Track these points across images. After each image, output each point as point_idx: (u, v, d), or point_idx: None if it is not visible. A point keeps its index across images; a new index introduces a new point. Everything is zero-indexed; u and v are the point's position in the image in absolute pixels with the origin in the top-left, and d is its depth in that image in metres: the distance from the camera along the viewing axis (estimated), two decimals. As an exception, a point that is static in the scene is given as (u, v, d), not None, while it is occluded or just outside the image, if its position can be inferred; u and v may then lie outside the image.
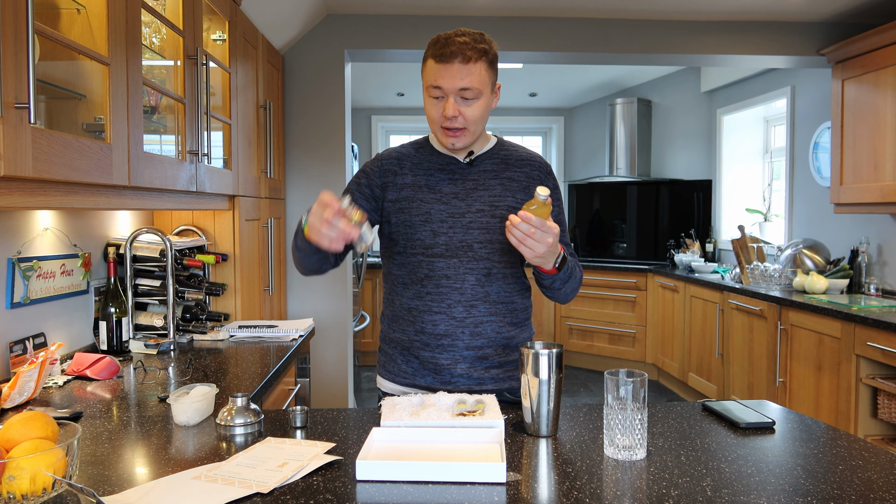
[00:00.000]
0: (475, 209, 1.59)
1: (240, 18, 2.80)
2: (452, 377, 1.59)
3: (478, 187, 1.61)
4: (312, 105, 3.82)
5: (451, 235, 1.57)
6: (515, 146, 1.71)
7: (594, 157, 6.80)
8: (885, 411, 2.99)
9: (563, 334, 5.97)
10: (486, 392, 1.60)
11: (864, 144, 3.52)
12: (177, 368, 1.99)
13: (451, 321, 1.58)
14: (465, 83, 1.48)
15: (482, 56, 1.49)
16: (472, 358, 1.59)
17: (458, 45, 1.46)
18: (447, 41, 1.48)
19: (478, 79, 1.49)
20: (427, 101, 1.55)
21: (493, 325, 1.60)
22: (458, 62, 1.46)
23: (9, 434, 1.03)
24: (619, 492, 1.07)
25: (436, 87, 1.50)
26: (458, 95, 1.49)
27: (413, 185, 1.61)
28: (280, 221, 3.67)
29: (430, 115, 1.55)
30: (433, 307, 1.59)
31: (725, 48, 3.92)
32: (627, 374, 1.20)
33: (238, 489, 1.05)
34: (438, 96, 1.51)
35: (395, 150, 1.69)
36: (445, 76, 1.48)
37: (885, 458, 1.21)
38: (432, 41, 1.51)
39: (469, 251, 1.57)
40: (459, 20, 3.80)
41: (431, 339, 1.59)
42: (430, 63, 1.51)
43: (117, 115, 1.61)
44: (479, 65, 1.49)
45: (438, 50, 1.48)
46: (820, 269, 3.93)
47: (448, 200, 1.59)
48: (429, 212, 1.59)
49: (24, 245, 1.87)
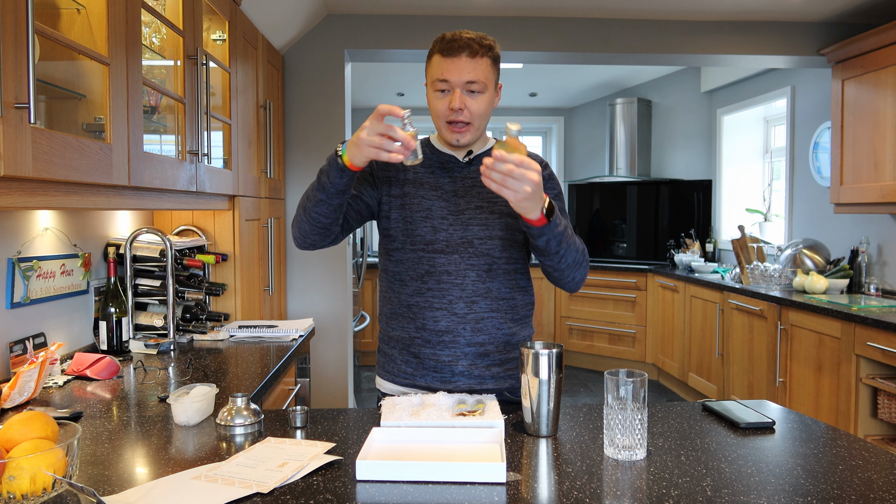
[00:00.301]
0: (474, 206, 1.60)
1: (240, 18, 2.80)
2: (453, 375, 1.59)
3: (476, 184, 1.62)
4: (312, 105, 3.82)
5: (451, 232, 1.58)
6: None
7: (594, 157, 6.80)
8: (885, 411, 2.99)
9: (563, 334, 5.97)
10: (486, 391, 1.60)
11: (864, 144, 3.52)
12: (177, 368, 1.99)
13: (452, 317, 1.58)
14: (471, 76, 1.50)
15: (488, 52, 1.52)
16: (474, 355, 1.59)
17: (466, 41, 1.50)
18: (454, 37, 1.51)
19: (483, 73, 1.52)
20: (432, 96, 1.56)
21: (495, 322, 1.60)
22: (465, 55, 1.50)
23: (9, 434, 1.03)
24: (619, 492, 1.07)
25: (442, 81, 1.52)
26: (465, 88, 1.52)
27: (414, 182, 1.63)
28: (280, 221, 3.67)
29: (435, 110, 1.57)
30: (434, 303, 1.59)
31: (725, 48, 3.92)
32: (627, 374, 1.20)
33: (238, 489, 1.05)
34: (444, 89, 1.53)
35: None
36: (453, 69, 1.50)
37: (885, 458, 1.21)
38: (438, 38, 1.54)
39: (469, 247, 1.58)
40: (459, 20, 3.80)
41: (433, 335, 1.59)
42: (436, 58, 1.53)
43: (117, 115, 1.61)
44: (485, 59, 1.52)
45: (446, 45, 1.51)
46: (820, 269, 3.93)
47: (448, 197, 1.61)
48: (430, 208, 1.60)
49: (24, 245, 1.87)
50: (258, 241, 3.13)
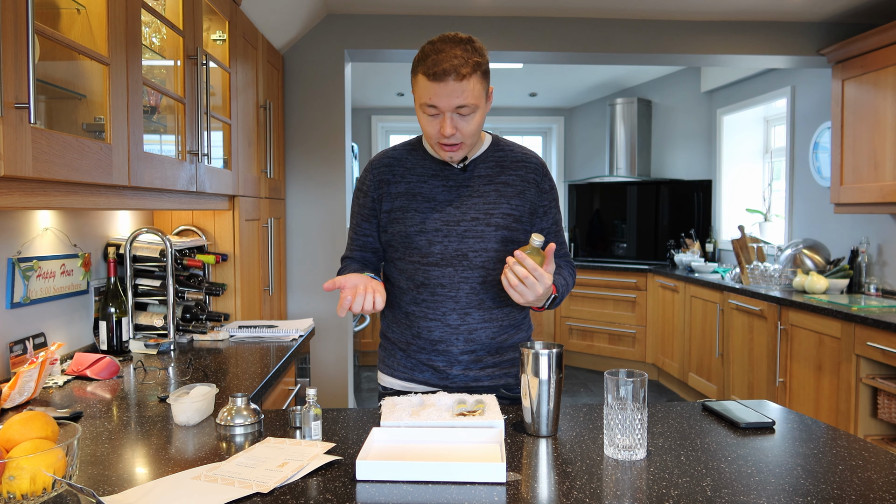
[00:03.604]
0: (470, 217, 1.56)
1: (240, 18, 2.80)
2: (449, 376, 1.62)
3: (472, 194, 1.58)
4: (312, 105, 3.82)
5: (446, 244, 1.56)
6: (511, 146, 1.67)
7: (594, 157, 6.80)
8: (885, 411, 2.99)
9: (563, 334, 5.97)
10: (482, 388, 1.62)
11: (864, 144, 3.52)
12: (177, 368, 1.99)
13: (445, 328, 1.59)
14: (461, 100, 1.42)
15: (476, 70, 1.43)
16: (468, 361, 1.61)
17: (452, 63, 1.40)
18: (438, 58, 1.40)
19: (473, 93, 1.43)
20: (422, 118, 1.49)
21: (488, 332, 1.60)
22: (452, 80, 1.40)
23: (9, 434, 1.03)
24: (619, 492, 1.07)
25: (431, 106, 1.44)
26: (455, 112, 1.45)
27: (407, 194, 1.59)
28: (280, 221, 3.67)
29: (426, 132, 1.51)
30: (428, 314, 1.59)
31: (725, 48, 3.92)
32: (627, 374, 1.20)
33: (238, 489, 1.05)
34: (434, 114, 1.46)
35: (386, 155, 1.66)
36: (440, 95, 1.42)
37: (885, 458, 1.21)
38: (421, 55, 1.44)
39: (464, 260, 1.56)
40: (459, 20, 3.80)
41: (427, 343, 1.61)
42: (421, 80, 1.44)
43: (117, 115, 1.61)
44: (473, 79, 1.42)
45: (430, 68, 1.41)
46: (820, 269, 3.93)
47: (443, 209, 1.57)
48: (423, 221, 1.57)
49: (24, 245, 1.87)
50: (258, 241, 3.13)
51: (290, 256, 3.82)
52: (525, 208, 1.60)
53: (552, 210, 1.65)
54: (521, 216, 1.60)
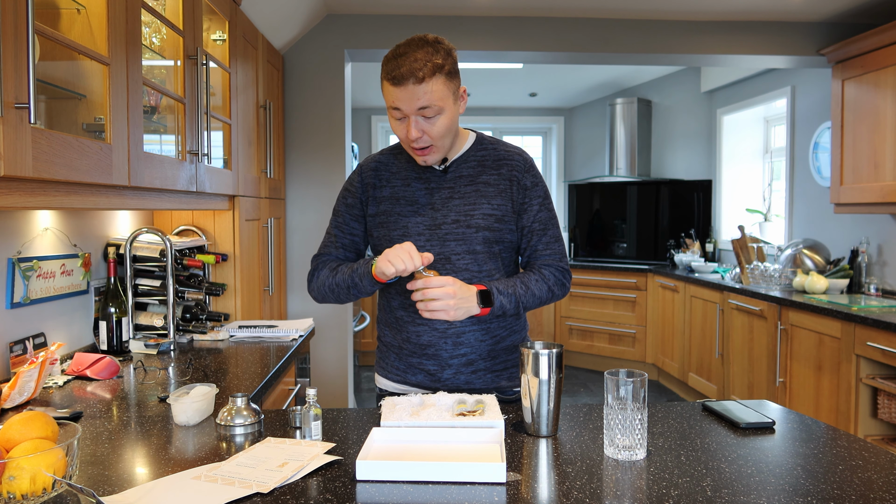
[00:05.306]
0: (451, 220, 1.56)
1: (240, 18, 2.80)
2: (440, 380, 1.62)
3: (453, 196, 1.57)
4: (312, 105, 3.82)
5: (428, 248, 1.55)
6: (495, 143, 1.64)
7: (594, 157, 6.80)
8: (885, 411, 2.99)
9: (563, 334, 5.97)
10: (475, 392, 1.62)
11: (864, 144, 3.52)
12: (177, 368, 1.99)
13: (433, 332, 1.59)
14: (422, 101, 1.42)
15: (436, 71, 1.41)
16: (458, 365, 1.61)
17: (410, 67, 1.39)
18: (398, 62, 1.41)
19: (435, 95, 1.42)
20: (391, 121, 1.51)
21: (476, 335, 1.60)
22: (411, 84, 1.40)
23: (9, 434, 1.03)
24: (619, 492, 1.07)
25: (395, 109, 1.45)
26: (419, 115, 1.44)
27: (391, 198, 1.60)
28: (280, 221, 3.67)
29: (398, 135, 1.51)
30: (416, 318, 1.59)
31: (725, 48, 3.92)
32: (627, 374, 1.20)
33: (238, 489, 1.05)
34: (400, 117, 1.46)
35: (374, 160, 1.66)
36: (402, 98, 1.42)
37: (885, 458, 1.21)
38: (386, 58, 1.44)
39: (447, 263, 1.56)
40: (459, 20, 3.80)
41: (417, 348, 1.61)
42: (385, 84, 1.45)
43: (117, 115, 1.61)
44: (433, 81, 1.41)
45: (391, 72, 1.41)
46: (820, 269, 3.93)
47: (425, 212, 1.57)
48: (406, 225, 1.57)
49: (24, 245, 1.87)
50: (258, 241, 3.13)
51: (290, 256, 3.82)
52: (508, 207, 1.58)
53: (534, 207, 1.60)
54: (503, 216, 1.57)
